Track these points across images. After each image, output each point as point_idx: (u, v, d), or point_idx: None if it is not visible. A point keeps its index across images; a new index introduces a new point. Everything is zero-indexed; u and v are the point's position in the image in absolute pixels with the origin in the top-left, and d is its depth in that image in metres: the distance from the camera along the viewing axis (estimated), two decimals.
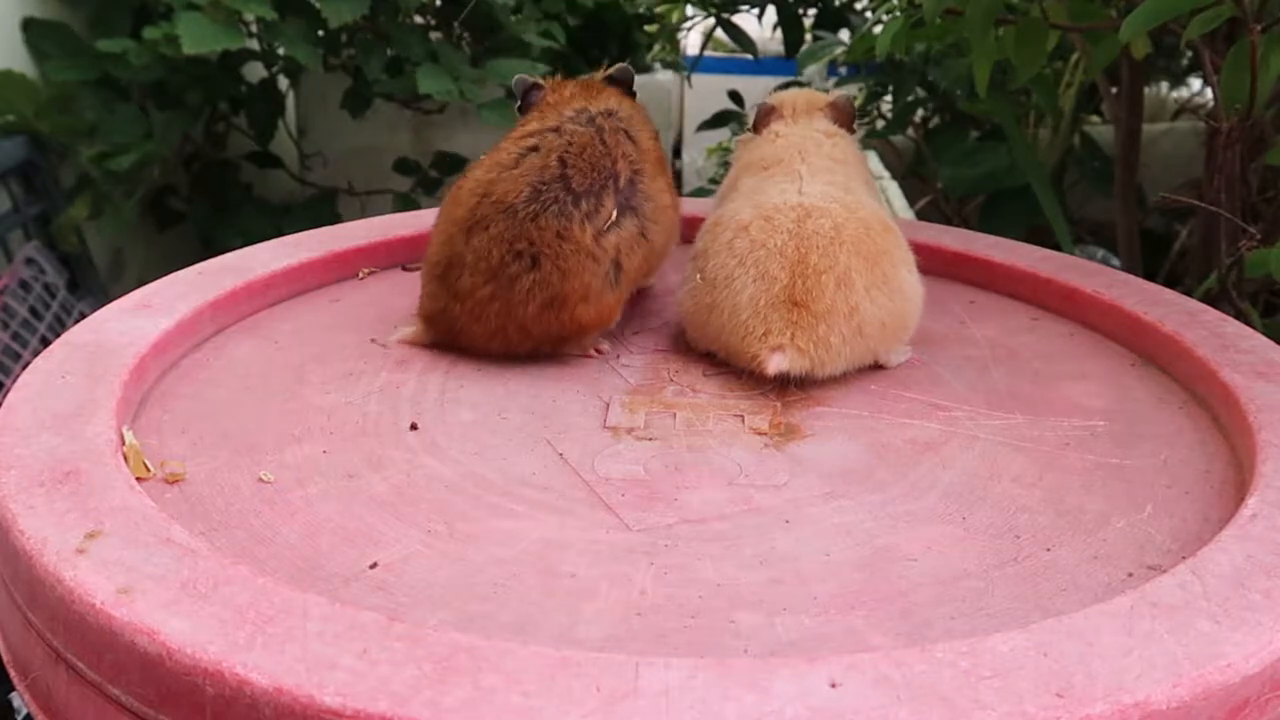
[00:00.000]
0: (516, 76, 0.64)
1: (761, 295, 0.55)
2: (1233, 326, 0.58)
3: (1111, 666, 0.31)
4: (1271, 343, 0.55)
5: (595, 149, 0.56)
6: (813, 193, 0.58)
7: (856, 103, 1.53)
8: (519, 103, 0.64)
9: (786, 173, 0.61)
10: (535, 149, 0.56)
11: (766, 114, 0.68)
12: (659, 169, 0.60)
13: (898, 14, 0.84)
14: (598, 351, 0.59)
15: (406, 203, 1.67)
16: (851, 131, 0.68)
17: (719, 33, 1.65)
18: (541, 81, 0.64)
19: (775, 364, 0.54)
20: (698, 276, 0.58)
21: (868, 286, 0.55)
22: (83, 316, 0.84)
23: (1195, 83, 1.68)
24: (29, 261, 1.22)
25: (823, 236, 0.55)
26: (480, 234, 0.55)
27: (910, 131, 1.49)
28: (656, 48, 2.05)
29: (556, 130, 0.57)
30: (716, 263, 0.57)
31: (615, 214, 0.55)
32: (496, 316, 0.55)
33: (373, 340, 0.59)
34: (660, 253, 0.61)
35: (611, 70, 0.64)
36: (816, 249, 0.55)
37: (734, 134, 1.54)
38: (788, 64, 1.56)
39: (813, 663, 0.31)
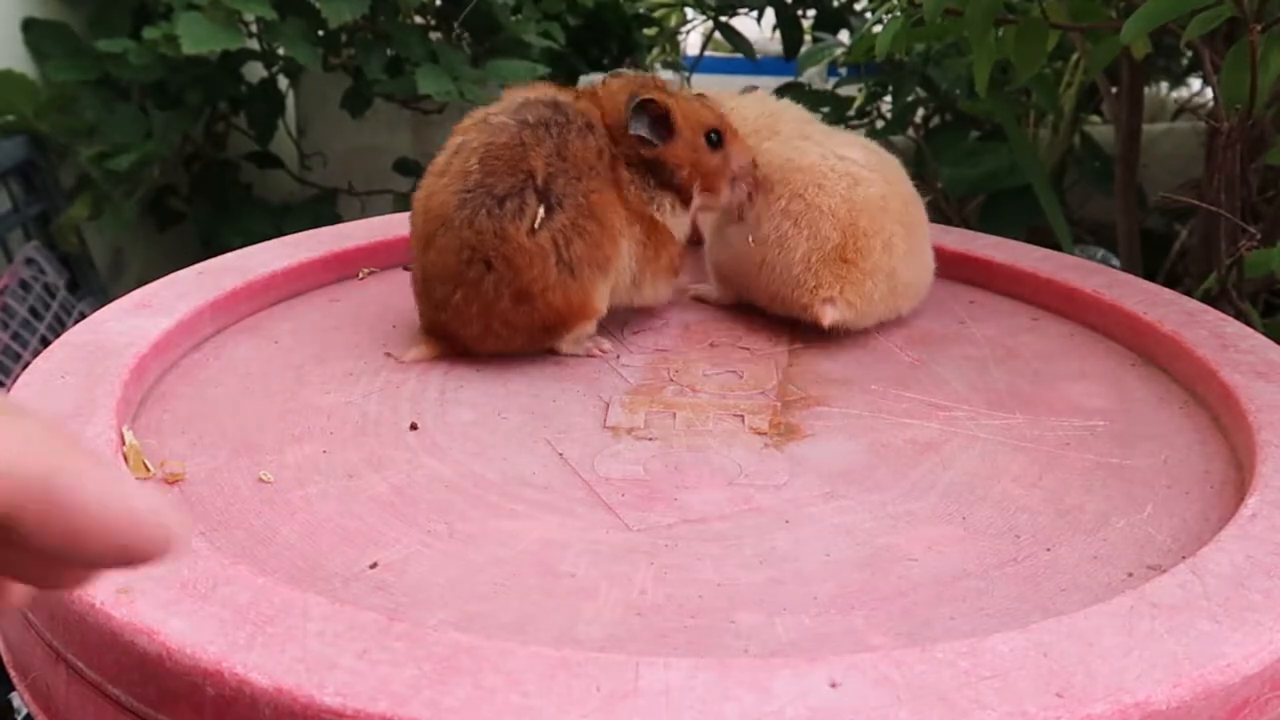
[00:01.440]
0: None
1: (814, 252, 0.60)
2: (1233, 326, 0.58)
3: (1112, 666, 0.31)
4: (1271, 343, 0.55)
5: (512, 150, 0.55)
6: (852, 157, 0.62)
7: (856, 103, 1.54)
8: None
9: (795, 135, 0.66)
10: (459, 150, 0.56)
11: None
12: (594, 174, 0.57)
13: (897, 14, 0.84)
14: (601, 351, 0.59)
15: (406, 203, 1.67)
16: None
17: (719, 33, 1.65)
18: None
19: (830, 315, 0.59)
20: (749, 239, 0.62)
21: (905, 253, 0.61)
22: (83, 316, 0.84)
23: (1195, 83, 1.68)
24: (29, 261, 1.22)
25: (872, 204, 0.60)
26: (431, 248, 0.56)
27: (910, 131, 1.49)
28: (656, 49, 2.05)
29: (479, 128, 0.57)
30: (770, 225, 0.61)
31: (542, 211, 0.54)
32: (479, 318, 0.56)
33: (388, 354, 0.58)
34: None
35: (633, 103, 0.58)
36: (866, 214, 0.60)
37: None
38: (788, 65, 1.56)
39: (813, 663, 0.31)
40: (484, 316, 0.56)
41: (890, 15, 0.86)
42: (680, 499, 0.45)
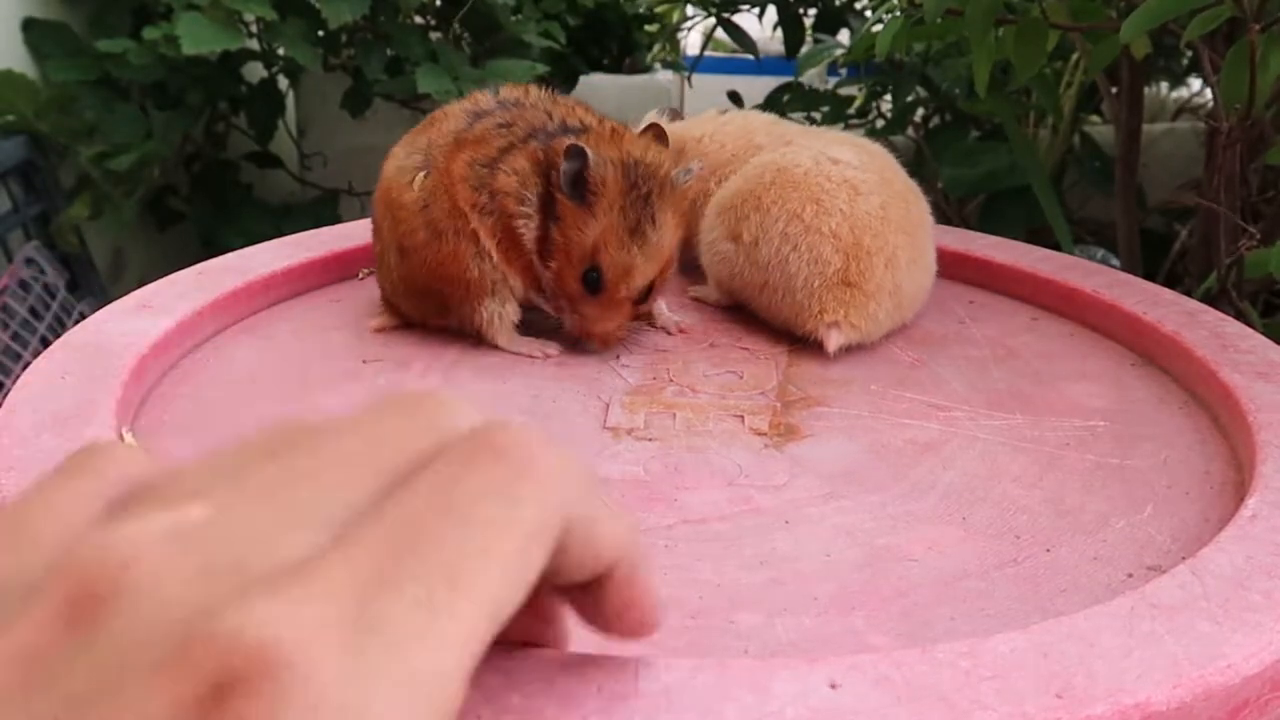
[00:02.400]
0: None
1: (816, 278, 0.59)
2: (1233, 326, 0.58)
3: (1112, 667, 0.31)
4: (1271, 343, 0.55)
5: (434, 124, 0.59)
6: (846, 159, 0.61)
7: (856, 103, 1.54)
8: None
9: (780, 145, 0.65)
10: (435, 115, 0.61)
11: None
12: (465, 156, 0.57)
13: (898, 14, 0.84)
14: (544, 354, 0.58)
15: None
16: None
17: (719, 33, 1.65)
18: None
19: (835, 340, 0.58)
20: (742, 259, 0.61)
21: (908, 263, 0.60)
22: (83, 317, 0.84)
23: (1195, 83, 1.68)
24: (29, 262, 1.22)
25: (873, 218, 0.59)
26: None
27: (910, 131, 1.49)
28: (656, 48, 2.05)
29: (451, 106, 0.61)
30: (770, 249, 0.60)
31: (422, 176, 0.58)
32: (384, 271, 0.60)
33: (365, 361, 0.59)
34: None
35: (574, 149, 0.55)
36: (869, 231, 0.59)
37: None
38: (788, 64, 1.56)
39: (813, 663, 0.31)
40: (386, 270, 0.60)
41: (890, 15, 0.86)
42: (680, 500, 0.45)
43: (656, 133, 0.60)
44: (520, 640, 0.28)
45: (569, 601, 0.26)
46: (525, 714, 0.29)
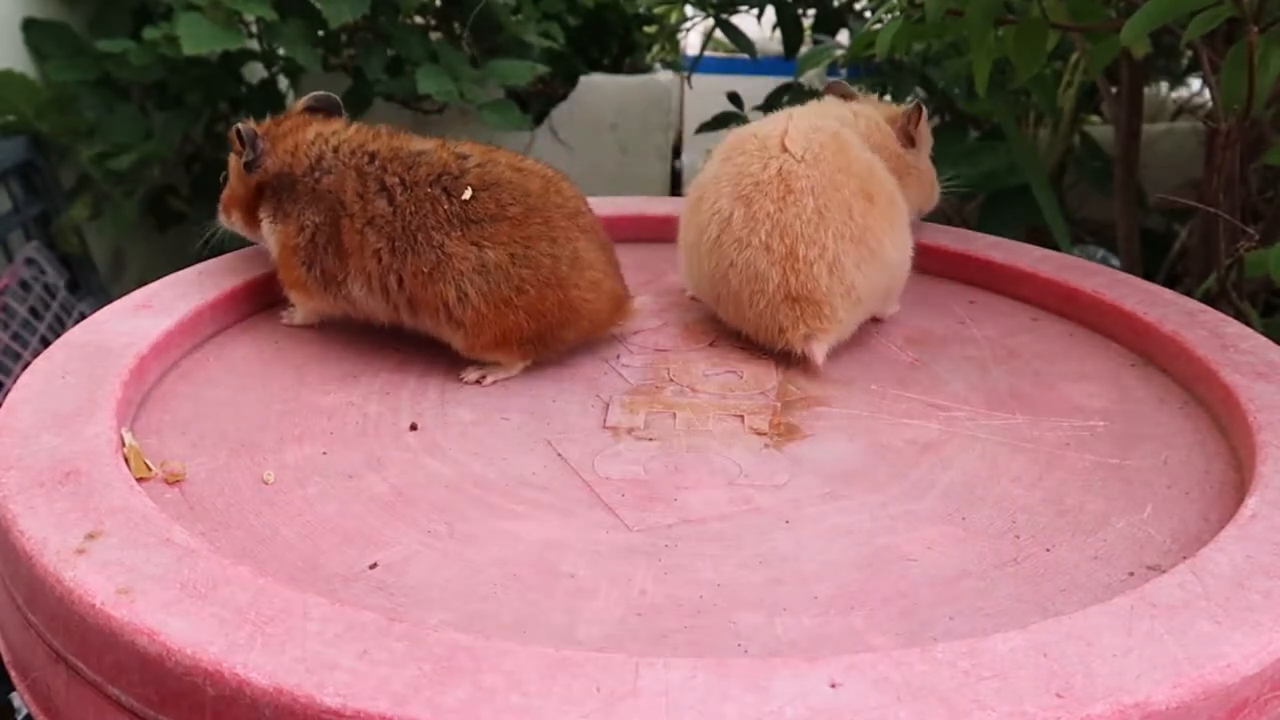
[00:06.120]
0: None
1: (759, 296, 0.57)
2: (1232, 327, 0.58)
3: (1111, 667, 0.31)
4: (1271, 343, 0.55)
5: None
6: (795, 149, 0.58)
7: None
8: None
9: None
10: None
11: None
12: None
13: (897, 14, 0.84)
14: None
15: None
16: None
17: (719, 33, 1.65)
18: None
19: (818, 353, 0.56)
20: (695, 270, 0.60)
21: (858, 264, 0.57)
22: (83, 317, 0.84)
23: (1195, 83, 1.68)
24: (29, 262, 1.22)
25: (806, 223, 0.56)
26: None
27: None
28: (656, 48, 2.05)
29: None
30: (711, 265, 0.59)
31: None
32: None
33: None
34: None
35: None
36: (802, 238, 0.56)
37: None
38: (788, 65, 1.56)
39: (813, 663, 0.31)
40: None
41: (890, 15, 0.86)
42: (680, 499, 0.45)
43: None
44: None
45: None
46: (525, 714, 0.29)
